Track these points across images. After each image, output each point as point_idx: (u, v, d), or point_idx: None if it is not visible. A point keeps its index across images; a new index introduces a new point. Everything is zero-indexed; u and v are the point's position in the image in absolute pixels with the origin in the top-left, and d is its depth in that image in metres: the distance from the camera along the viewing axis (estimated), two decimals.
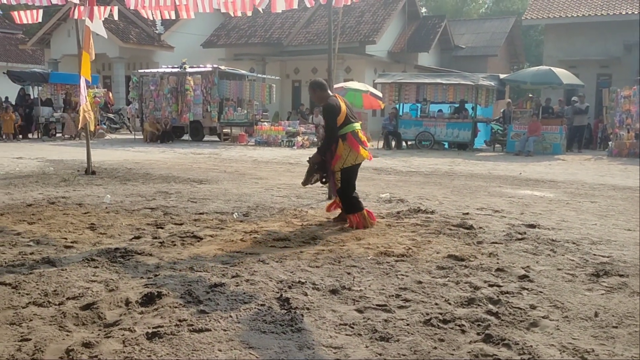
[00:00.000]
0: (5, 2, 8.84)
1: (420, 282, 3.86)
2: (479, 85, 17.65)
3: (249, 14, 8.50)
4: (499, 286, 3.81)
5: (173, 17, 9.77)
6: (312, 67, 27.64)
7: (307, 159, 6.20)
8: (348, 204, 5.84)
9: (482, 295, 3.60)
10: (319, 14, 28.08)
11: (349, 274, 4.05)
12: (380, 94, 20.04)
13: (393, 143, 18.59)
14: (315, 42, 27.38)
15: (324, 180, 6.14)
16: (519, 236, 5.38)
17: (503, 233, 5.52)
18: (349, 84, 20.68)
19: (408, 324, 3.12)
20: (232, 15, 8.89)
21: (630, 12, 22.34)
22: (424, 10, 44.57)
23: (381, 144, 18.78)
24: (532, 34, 42.58)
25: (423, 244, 4.98)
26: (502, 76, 18.89)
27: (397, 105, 19.19)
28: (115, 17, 9.77)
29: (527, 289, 3.77)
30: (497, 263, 4.39)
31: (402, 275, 4.03)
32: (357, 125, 5.87)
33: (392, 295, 3.59)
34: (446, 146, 18.87)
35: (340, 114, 5.72)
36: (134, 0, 8.79)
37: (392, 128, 18.68)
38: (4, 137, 19.03)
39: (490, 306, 3.41)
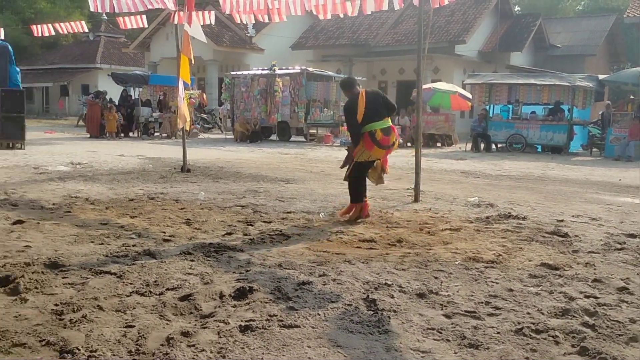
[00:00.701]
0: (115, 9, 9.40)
1: (511, 290, 3.77)
2: (575, 87, 16.86)
3: (342, 15, 8.60)
4: (595, 297, 3.65)
5: (266, 21, 10.04)
6: (399, 67, 27.45)
7: (346, 147, 6.70)
8: (354, 193, 6.22)
9: (577, 306, 3.46)
10: (408, 14, 27.85)
11: (436, 278, 4.02)
12: (469, 95, 19.59)
13: (482, 145, 18.12)
14: (403, 43, 27.19)
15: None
16: (618, 246, 5.11)
17: (601, 242, 5.26)
18: (436, 84, 20.36)
19: (498, 332, 3.06)
20: (322, 17, 9.04)
21: None
22: (517, 8, 43.03)
23: (469, 146, 18.36)
24: (635, 32, 39.98)
25: (514, 251, 4.84)
26: (601, 77, 17.94)
27: (487, 107, 18.69)
28: (212, 22, 10.17)
29: (626, 302, 3.58)
30: (594, 273, 4.20)
31: (492, 282, 3.95)
32: (378, 125, 6.04)
33: (482, 302, 3.53)
34: (539, 149, 18.16)
35: (356, 113, 6.02)
36: (229, 4, 9.14)
37: (481, 130, 18.22)
38: (107, 135, 20.29)
39: (587, 318, 3.28)
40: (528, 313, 3.35)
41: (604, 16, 33.98)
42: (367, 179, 6.38)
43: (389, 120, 6.24)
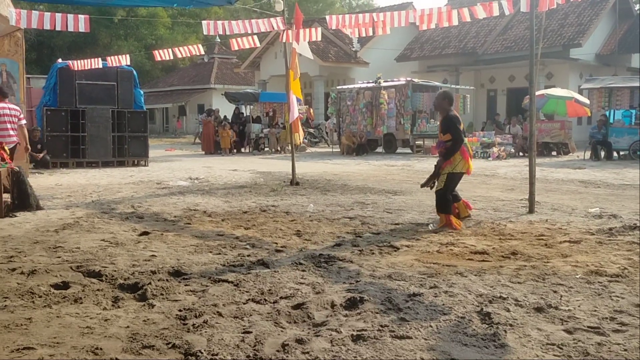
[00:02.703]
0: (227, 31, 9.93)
1: (638, 306, 3.51)
2: None
3: (446, 24, 8.50)
4: None
5: (370, 34, 10.15)
6: (509, 74, 26.52)
7: (435, 163, 6.63)
8: (441, 204, 6.35)
9: None
10: (517, 19, 26.89)
11: (555, 292, 3.84)
12: (586, 101, 18.49)
13: (602, 153, 17.01)
14: (513, 49, 26.26)
15: (431, 186, 6.64)
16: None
17: None
18: (550, 91, 19.43)
19: (625, 350, 2.86)
20: (426, 28, 8.98)
21: None
22: (637, 7, 40.13)
23: (588, 154, 17.31)
24: None
25: None
26: None
27: (607, 112, 17.54)
28: (319, 39, 10.43)
29: None
30: None
31: (617, 297, 3.70)
32: (466, 140, 6.56)
33: (606, 318, 3.32)
34: None
35: (460, 124, 6.36)
36: (335, 20, 9.34)
37: (601, 137, 17.11)
38: (221, 151, 21.33)
39: None
40: None
41: None
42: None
43: None
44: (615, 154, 17.28)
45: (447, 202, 6.35)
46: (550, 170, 13.59)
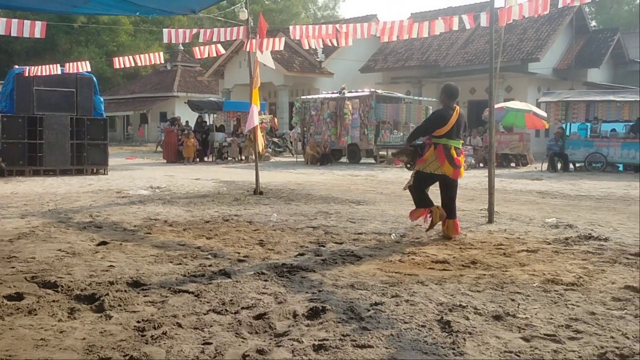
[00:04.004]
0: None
1: (593, 314, 3.60)
2: None
3: (407, 37, 8.62)
4: None
5: (334, 45, 10.22)
6: (470, 87, 27.06)
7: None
8: (417, 199, 6.32)
9: None
10: (478, 34, 27.50)
11: (513, 300, 3.91)
12: (544, 114, 19.01)
13: (559, 165, 17.49)
14: (474, 62, 26.83)
15: (408, 166, 6.53)
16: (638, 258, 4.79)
17: None
18: (509, 103, 19.89)
19: (580, 357, 2.93)
20: (388, 40, 9.10)
21: None
22: (593, 23, 41.61)
23: (545, 165, 17.76)
24: None
25: (596, 273, 4.63)
26: None
27: (564, 125, 18.06)
28: (282, 48, 10.45)
29: None
30: None
31: (573, 305, 3.80)
32: (454, 143, 6.18)
33: (562, 326, 3.40)
34: (620, 168, 17.31)
35: (444, 125, 6.09)
36: (298, 31, 9.38)
37: (558, 149, 17.60)
38: (185, 160, 21.09)
39: None
40: (612, 337, 3.19)
41: None
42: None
43: (461, 142, 6.41)
44: (571, 165, 17.79)
45: (420, 196, 6.31)
46: (509, 181, 13.89)
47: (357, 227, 6.97)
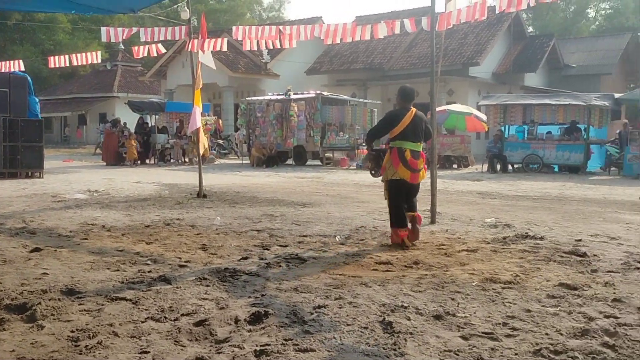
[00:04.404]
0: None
1: (529, 311, 3.71)
2: (591, 106, 16.77)
3: (349, 40, 8.69)
4: (615, 317, 3.58)
5: (277, 46, 10.18)
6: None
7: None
8: (393, 214, 6.02)
9: (597, 326, 3.40)
10: (421, 38, 28.03)
11: (453, 299, 3.98)
12: (484, 117, 19.57)
13: (498, 166, 18.03)
14: (417, 66, 27.31)
15: (372, 172, 6.44)
16: (638, 265, 5.02)
17: (620, 261, 5.17)
18: (451, 106, 20.38)
19: (516, 354, 3.00)
20: (332, 43, 9.15)
21: None
22: (530, 29, 43.16)
23: (486, 167, 18.27)
24: None
25: (532, 271, 4.78)
26: (617, 95, 17.82)
27: (503, 128, 18.64)
28: (224, 49, 10.34)
29: None
30: (614, 293, 4.12)
31: (510, 303, 3.90)
32: (409, 145, 5.94)
33: (499, 324, 3.48)
34: (556, 169, 18.01)
35: (396, 124, 5.93)
36: (241, 31, 9.29)
37: (497, 151, 18.14)
38: (126, 163, 20.55)
39: (607, 338, 3.21)
40: (546, 334, 3.29)
41: (619, 35, 33.93)
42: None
43: (421, 146, 6.12)
44: (510, 166, 18.37)
45: (395, 212, 5.97)
46: (451, 182, 14.20)
47: (302, 230, 6.95)
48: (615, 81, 31.36)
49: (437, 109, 13.38)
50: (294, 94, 21.11)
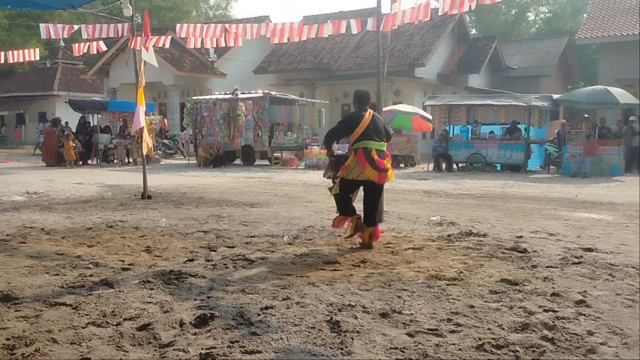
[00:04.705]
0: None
1: (472, 307, 3.80)
2: (531, 106, 17.33)
3: (296, 39, 8.67)
4: (554, 311, 3.71)
5: (222, 45, 10.05)
6: None
7: (332, 157, 6.45)
8: (340, 206, 6.09)
9: (536, 320, 3.51)
10: (368, 39, 28.30)
11: (399, 297, 4.03)
12: (429, 116, 19.95)
13: (443, 165, 18.40)
14: (364, 66, 27.56)
15: (334, 180, 6.26)
16: (576, 260, 5.22)
17: (559, 257, 5.37)
18: (398, 106, 20.67)
19: (460, 349, 3.07)
20: (278, 42, 9.11)
21: None
22: (473, 31, 44.29)
23: (431, 166, 18.62)
24: (587, 52, 41.60)
25: (475, 268, 4.90)
26: (555, 96, 18.47)
27: (448, 127, 19.05)
28: (167, 46, 10.13)
29: (584, 315, 3.65)
30: (553, 288, 4.27)
31: (454, 299, 3.98)
32: (374, 144, 5.85)
33: (444, 320, 3.54)
34: (498, 168, 18.52)
35: (357, 125, 5.83)
36: (185, 29, 9.14)
37: (442, 150, 18.52)
38: (65, 163, 19.86)
39: (546, 332, 3.32)
40: (489, 329, 3.38)
41: (557, 38, 35.19)
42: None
43: (385, 145, 6.07)
44: (455, 165, 18.78)
45: (343, 204, 6.03)
46: (398, 181, 14.40)
47: (249, 230, 6.89)
48: (554, 82, 32.55)
49: (384, 109, 13.53)
50: (241, 93, 20.92)
